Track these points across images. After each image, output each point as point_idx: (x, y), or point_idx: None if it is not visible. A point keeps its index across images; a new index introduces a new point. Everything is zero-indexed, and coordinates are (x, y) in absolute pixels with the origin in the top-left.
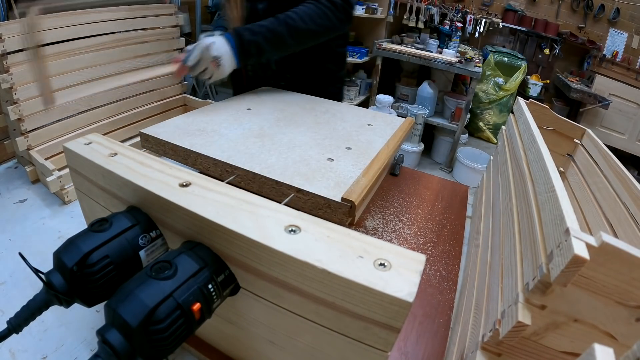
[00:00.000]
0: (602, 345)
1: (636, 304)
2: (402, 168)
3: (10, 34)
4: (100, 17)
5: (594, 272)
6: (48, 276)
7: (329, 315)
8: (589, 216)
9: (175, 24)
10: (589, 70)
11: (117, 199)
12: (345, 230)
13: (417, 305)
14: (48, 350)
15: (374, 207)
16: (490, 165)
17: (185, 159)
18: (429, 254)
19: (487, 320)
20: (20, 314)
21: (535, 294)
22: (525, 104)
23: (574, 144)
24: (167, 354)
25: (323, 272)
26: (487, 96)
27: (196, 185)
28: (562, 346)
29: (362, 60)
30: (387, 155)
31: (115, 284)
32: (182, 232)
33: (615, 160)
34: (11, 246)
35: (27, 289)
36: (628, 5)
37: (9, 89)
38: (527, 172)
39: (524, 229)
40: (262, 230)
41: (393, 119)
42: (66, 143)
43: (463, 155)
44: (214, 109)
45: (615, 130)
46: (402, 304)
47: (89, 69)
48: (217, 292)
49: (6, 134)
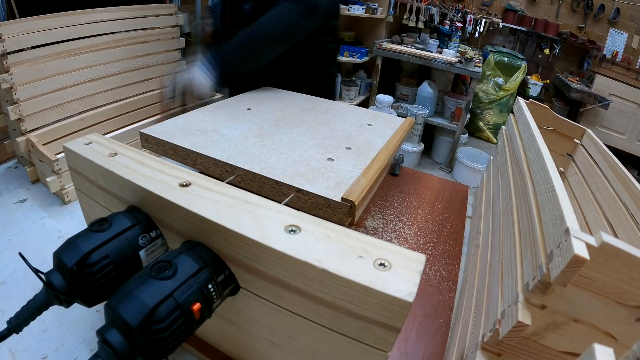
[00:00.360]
0: (602, 345)
1: (636, 304)
2: (402, 168)
3: (10, 34)
4: (100, 17)
5: (594, 272)
6: (48, 276)
7: (329, 315)
8: (589, 216)
9: (175, 24)
10: (589, 70)
11: (117, 198)
12: (345, 230)
13: (417, 305)
14: (48, 350)
15: (374, 207)
16: (490, 165)
17: (185, 159)
18: (429, 254)
19: (487, 320)
20: (20, 314)
21: (535, 294)
22: (525, 104)
23: (574, 144)
24: (167, 353)
25: (323, 272)
26: (487, 96)
27: (196, 185)
28: (562, 346)
29: (362, 60)
30: (387, 155)
31: (115, 284)
32: (182, 232)
33: (615, 160)
34: (11, 246)
35: (27, 289)
36: (628, 5)
37: (9, 89)
38: (527, 172)
39: (524, 229)
40: (262, 230)
41: (393, 119)
42: (66, 143)
43: (463, 155)
44: (214, 109)
45: (615, 130)
46: (402, 304)
47: (89, 69)
48: (217, 292)
49: (6, 134)
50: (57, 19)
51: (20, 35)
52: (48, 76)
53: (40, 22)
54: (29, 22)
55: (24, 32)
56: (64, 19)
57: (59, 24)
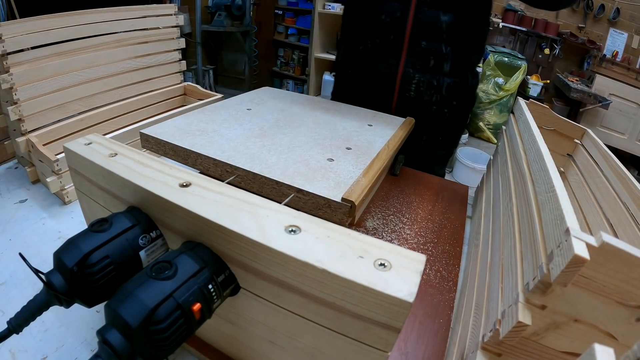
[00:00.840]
0: (602, 345)
1: (636, 304)
2: (402, 168)
3: (11, 34)
4: (100, 18)
5: (594, 272)
6: (48, 276)
7: (329, 315)
8: (589, 216)
9: (175, 24)
10: (589, 70)
11: (117, 199)
12: (346, 230)
13: (417, 305)
14: (48, 350)
15: (374, 207)
16: (490, 165)
17: (186, 159)
18: (429, 254)
19: (487, 320)
20: (21, 314)
21: (535, 294)
22: (525, 104)
23: (574, 144)
24: (167, 354)
25: (323, 272)
26: (487, 96)
27: (196, 186)
28: (562, 346)
29: None
30: (387, 155)
31: (116, 284)
32: (183, 233)
33: (615, 160)
34: (11, 246)
35: (27, 289)
36: (628, 5)
37: (9, 89)
38: (527, 172)
39: (524, 229)
40: (262, 230)
41: (393, 119)
42: (66, 143)
43: (463, 155)
44: (214, 109)
45: (615, 130)
46: (402, 304)
47: (89, 70)
48: (217, 292)
49: (6, 135)
50: (57, 19)
51: (20, 35)
52: (48, 76)
53: (40, 22)
54: (29, 22)
55: (24, 33)
56: (64, 19)
57: (59, 24)
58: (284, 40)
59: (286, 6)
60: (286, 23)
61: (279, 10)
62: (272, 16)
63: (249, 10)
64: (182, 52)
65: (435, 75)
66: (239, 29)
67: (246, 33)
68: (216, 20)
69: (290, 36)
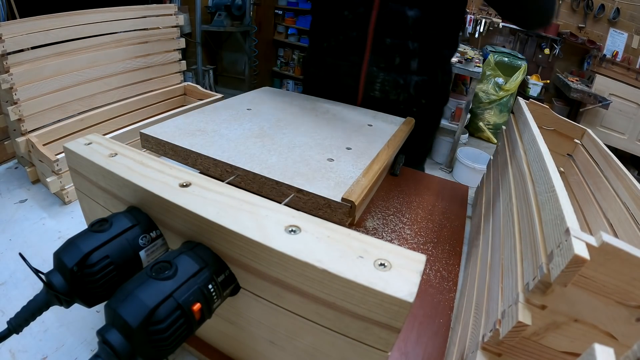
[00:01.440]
0: (602, 345)
1: (636, 304)
2: (402, 168)
3: (11, 34)
4: (100, 18)
5: (594, 272)
6: (48, 276)
7: (330, 315)
8: (589, 216)
9: (175, 24)
10: (589, 70)
11: (117, 199)
12: (346, 230)
13: (417, 305)
14: (48, 350)
15: (374, 207)
16: (490, 165)
17: (186, 159)
18: (429, 254)
19: (487, 320)
20: (21, 314)
21: (535, 294)
22: (525, 104)
23: (574, 144)
24: (167, 354)
25: (323, 272)
26: (487, 96)
27: (196, 186)
28: (562, 346)
29: None
30: (387, 155)
31: (116, 284)
32: (183, 233)
33: (615, 160)
34: (11, 246)
35: (27, 289)
36: (628, 5)
37: (9, 89)
38: (527, 172)
39: (524, 229)
40: (262, 230)
41: (393, 119)
42: (66, 143)
43: (463, 155)
44: (214, 109)
45: (615, 130)
46: (402, 304)
47: (89, 69)
48: (217, 292)
49: (6, 135)
50: (57, 19)
51: (20, 35)
52: (48, 76)
53: (40, 22)
54: (29, 22)
55: (24, 33)
56: (64, 19)
57: (59, 24)
58: (284, 40)
59: (286, 6)
60: (286, 23)
61: (279, 10)
62: (272, 16)
63: (249, 10)
64: (182, 52)
65: (401, 73)
66: (239, 29)
67: (246, 33)
68: (216, 20)
69: (290, 36)
